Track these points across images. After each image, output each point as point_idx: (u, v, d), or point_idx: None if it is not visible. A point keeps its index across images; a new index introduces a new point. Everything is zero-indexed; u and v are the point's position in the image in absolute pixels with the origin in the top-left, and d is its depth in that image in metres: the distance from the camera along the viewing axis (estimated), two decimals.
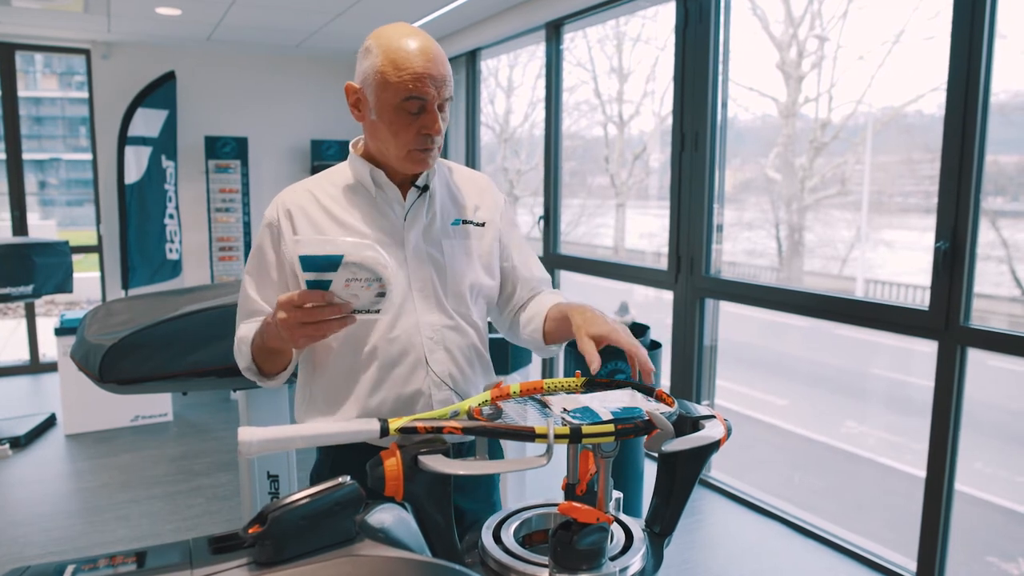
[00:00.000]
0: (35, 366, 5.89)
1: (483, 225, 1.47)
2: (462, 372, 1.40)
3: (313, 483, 0.98)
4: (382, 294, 1.10)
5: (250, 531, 0.91)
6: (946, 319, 2.54)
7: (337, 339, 1.35)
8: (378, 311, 1.12)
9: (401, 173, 1.39)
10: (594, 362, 1.23)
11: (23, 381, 5.70)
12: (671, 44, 3.64)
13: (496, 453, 1.53)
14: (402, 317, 1.36)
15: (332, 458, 1.44)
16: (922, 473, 2.68)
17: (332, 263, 1.05)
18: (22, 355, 5.99)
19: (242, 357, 1.36)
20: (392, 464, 1.03)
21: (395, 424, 1.06)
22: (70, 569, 0.89)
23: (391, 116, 1.31)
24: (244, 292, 1.41)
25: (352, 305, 1.10)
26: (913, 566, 2.75)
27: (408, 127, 1.31)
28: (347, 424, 1.06)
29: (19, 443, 4.25)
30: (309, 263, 1.05)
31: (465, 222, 1.45)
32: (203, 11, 4.63)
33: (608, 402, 1.15)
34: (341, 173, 1.44)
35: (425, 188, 1.40)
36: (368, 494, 1.02)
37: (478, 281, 1.43)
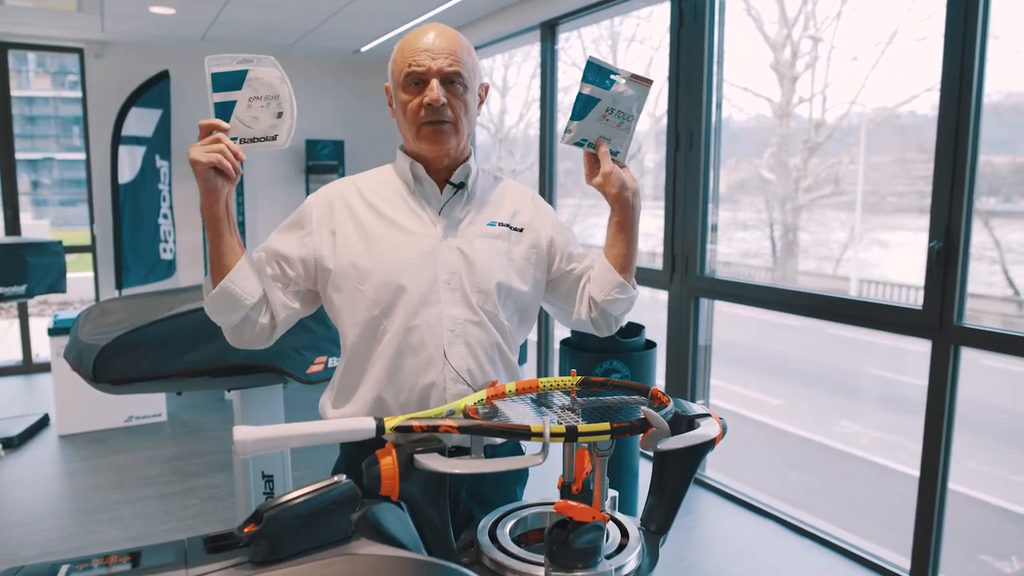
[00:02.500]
0: (28, 366, 5.86)
1: (521, 231, 1.48)
2: (481, 368, 1.39)
3: None
4: (280, 114, 1.26)
5: (245, 530, 0.91)
6: (940, 318, 2.55)
7: (357, 324, 1.38)
8: (275, 137, 1.27)
9: (436, 167, 1.42)
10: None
11: (16, 381, 5.67)
12: (666, 44, 3.64)
13: (518, 453, 1.52)
14: (425, 307, 1.36)
15: (350, 456, 1.45)
16: (916, 472, 2.69)
17: (238, 80, 1.22)
18: (15, 355, 5.96)
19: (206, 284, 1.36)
20: (388, 463, 1.03)
21: (391, 423, 1.06)
22: (64, 569, 0.88)
23: (401, 97, 1.37)
24: (261, 247, 1.45)
25: (245, 131, 1.26)
26: (907, 564, 2.75)
27: (413, 102, 1.36)
28: (342, 423, 1.06)
29: (12, 443, 4.23)
30: (219, 81, 1.21)
31: (502, 224, 1.46)
32: (197, 10, 4.62)
33: None
34: (387, 170, 1.49)
35: (461, 186, 1.43)
36: (364, 493, 1.02)
37: (507, 282, 1.42)
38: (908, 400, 6.76)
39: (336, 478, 0.97)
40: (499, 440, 1.42)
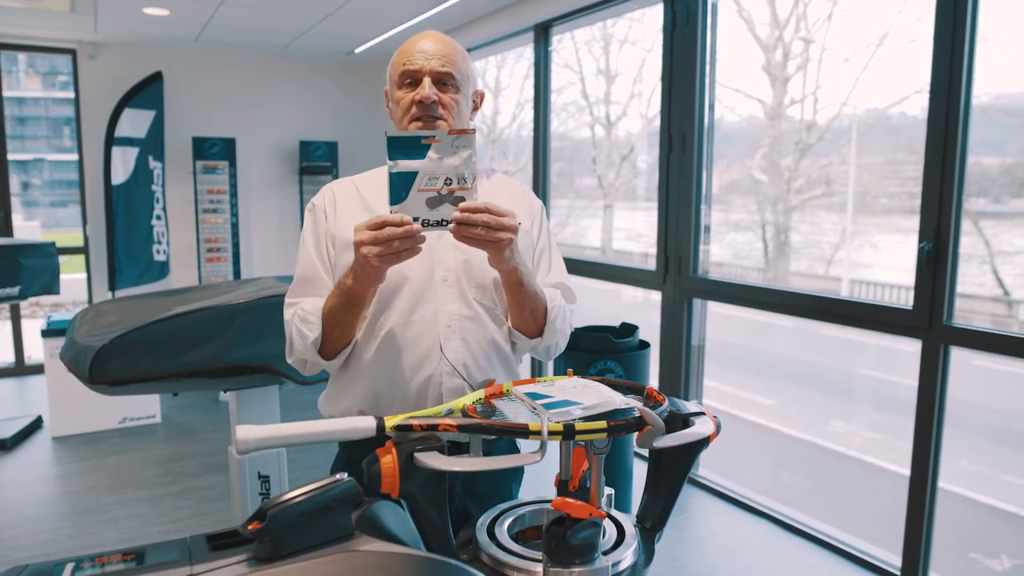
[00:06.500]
0: (20, 368, 5.84)
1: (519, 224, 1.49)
2: (477, 363, 1.42)
3: None
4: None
5: (250, 527, 0.92)
6: (930, 318, 2.57)
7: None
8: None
9: None
10: None
11: (9, 383, 5.65)
12: (658, 46, 3.66)
13: (513, 451, 1.54)
14: (422, 303, 1.39)
15: (348, 453, 1.49)
16: (907, 471, 2.72)
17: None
18: (7, 357, 5.94)
19: (309, 330, 1.37)
20: (388, 461, 1.04)
21: (391, 422, 1.08)
22: (69, 567, 0.89)
23: (397, 96, 1.43)
24: (303, 268, 1.46)
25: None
26: (898, 562, 2.78)
27: (405, 98, 1.42)
28: (343, 421, 1.07)
29: (5, 445, 4.22)
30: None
31: None
32: (191, 11, 4.62)
33: (576, 395, 1.16)
34: (383, 171, 1.50)
35: None
36: (364, 491, 1.03)
37: None
38: (899, 400, 6.80)
39: (338, 476, 0.99)
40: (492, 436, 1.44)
